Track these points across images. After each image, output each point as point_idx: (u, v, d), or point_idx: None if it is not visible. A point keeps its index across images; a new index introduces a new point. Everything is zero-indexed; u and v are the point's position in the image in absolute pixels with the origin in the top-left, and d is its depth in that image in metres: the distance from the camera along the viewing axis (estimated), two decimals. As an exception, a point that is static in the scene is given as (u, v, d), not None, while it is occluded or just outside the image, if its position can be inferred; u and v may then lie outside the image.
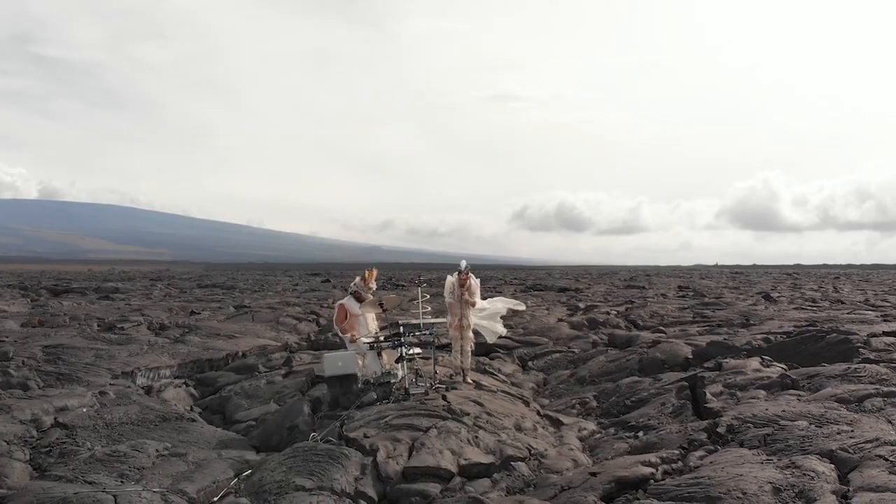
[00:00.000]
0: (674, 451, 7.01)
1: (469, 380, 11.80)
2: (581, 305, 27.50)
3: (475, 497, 5.74)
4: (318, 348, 18.07)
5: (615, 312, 23.67)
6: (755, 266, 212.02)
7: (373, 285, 11.30)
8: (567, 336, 19.38)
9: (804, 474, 5.35)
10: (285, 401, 11.67)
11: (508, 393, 12.05)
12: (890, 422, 7.38)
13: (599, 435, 10.16)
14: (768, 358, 11.65)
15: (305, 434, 9.56)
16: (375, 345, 10.65)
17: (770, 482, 5.16)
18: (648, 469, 6.22)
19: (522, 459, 8.32)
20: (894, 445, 6.28)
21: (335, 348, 17.55)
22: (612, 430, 10.20)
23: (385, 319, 10.98)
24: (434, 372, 11.24)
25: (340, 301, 11.18)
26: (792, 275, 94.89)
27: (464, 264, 11.50)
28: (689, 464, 6.47)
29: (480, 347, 14.21)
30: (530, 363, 17.05)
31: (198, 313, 22.30)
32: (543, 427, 10.15)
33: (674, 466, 6.48)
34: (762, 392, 9.73)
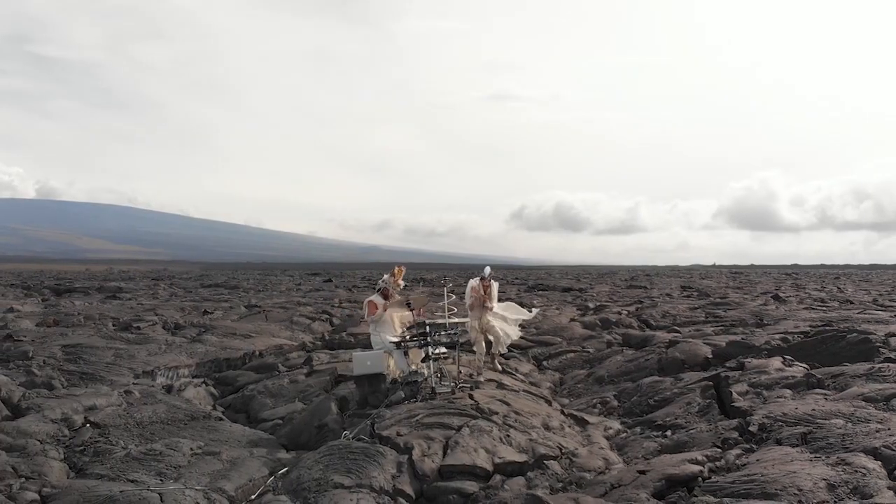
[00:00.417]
0: (716, 450, 7.07)
1: (483, 378, 11.89)
2: (591, 305, 27.56)
3: (534, 494, 5.80)
4: (334, 347, 18.14)
5: (626, 312, 23.75)
6: (753, 266, 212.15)
7: (401, 283, 11.38)
8: (580, 336, 19.44)
9: (856, 471, 5.43)
10: (311, 399, 11.72)
11: (530, 392, 12.12)
12: (921, 420, 7.44)
13: (625, 434, 10.22)
14: (790, 357, 11.71)
15: (335, 432, 9.63)
16: (402, 344, 10.71)
17: (824, 479, 5.24)
18: (696, 467, 6.30)
19: (555, 458, 8.39)
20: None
21: (350, 348, 17.64)
22: (639, 430, 10.26)
23: (413, 319, 11.06)
24: (458, 371, 11.35)
25: (370, 298, 11.26)
26: (791, 275, 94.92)
27: (487, 271, 11.66)
28: (734, 462, 6.53)
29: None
30: (545, 363, 17.12)
31: (210, 313, 22.35)
32: (570, 426, 10.21)
33: (717, 464, 6.55)
34: (788, 391, 9.78)
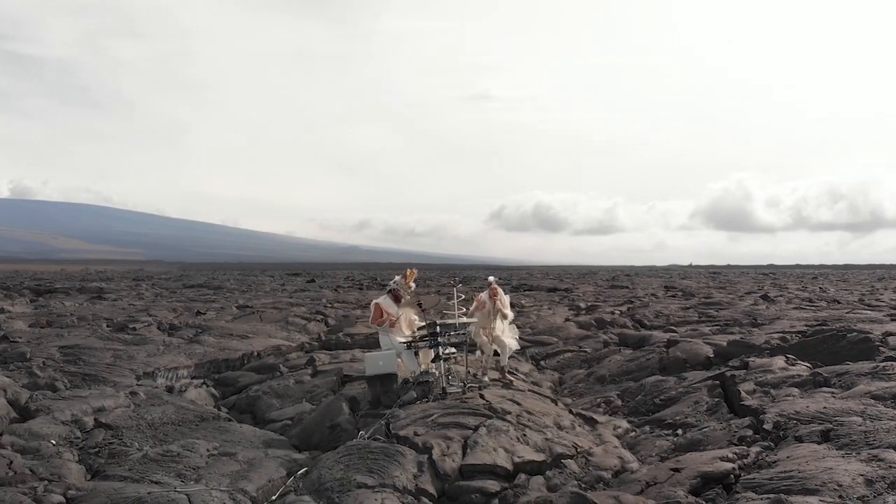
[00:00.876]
0: (743, 448, 7.18)
1: (487, 378, 11.94)
2: (582, 305, 27.74)
3: (578, 492, 5.85)
4: (331, 348, 18.10)
5: (619, 312, 23.94)
6: (730, 266, 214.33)
7: (412, 285, 11.37)
8: (576, 336, 19.58)
9: (890, 467, 5.55)
10: (318, 400, 11.71)
11: (535, 392, 12.18)
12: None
13: (634, 433, 10.32)
14: (792, 356, 11.89)
15: (349, 432, 9.63)
16: (412, 344, 10.72)
17: (861, 474, 5.37)
18: (729, 464, 6.41)
19: (571, 457, 8.46)
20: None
21: (347, 348, 17.60)
22: (648, 429, 10.36)
23: (424, 319, 11.07)
24: (467, 371, 11.40)
25: (376, 301, 11.22)
26: (770, 275, 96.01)
27: (492, 279, 11.76)
28: (763, 459, 6.63)
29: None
30: (542, 362, 17.21)
31: (203, 314, 22.19)
32: (580, 425, 10.28)
33: (745, 462, 6.66)
34: (796, 390, 9.94)
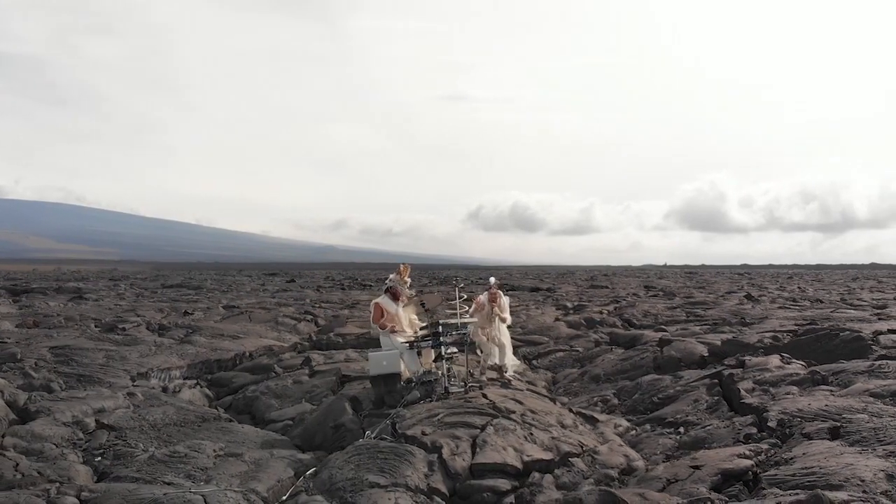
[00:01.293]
0: (757, 445, 7.29)
1: (486, 378, 11.99)
2: (569, 305, 27.91)
3: (607, 490, 5.90)
4: (322, 348, 18.07)
5: (607, 312, 24.12)
6: (704, 266, 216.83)
7: (407, 280, 11.40)
8: (567, 335, 19.70)
9: (909, 462, 5.68)
10: (318, 400, 11.67)
11: (535, 392, 12.25)
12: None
13: (635, 432, 10.43)
14: (787, 355, 12.07)
15: (353, 432, 9.61)
16: (415, 344, 10.73)
17: (881, 470, 5.48)
18: (748, 461, 6.51)
19: (578, 455, 8.53)
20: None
21: (339, 348, 17.57)
22: (649, 427, 10.47)
23: (426, 318, 11.08)
24: (468, 371, 11.44)
25: (376, 300, 11.23)
26: (745, 275, 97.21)
27: (492, 281, 11.80)
28: (780, 456, 6.73)
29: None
30: (534, 362, 17.31)
31: (191, 314, 21.99)
32: (582, 424, 10.36)
33: (759, 459, 6.76)
34: (794, 388, 10.09)
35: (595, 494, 5.67)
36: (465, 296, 11.90)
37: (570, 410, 11.26)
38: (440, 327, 10.67)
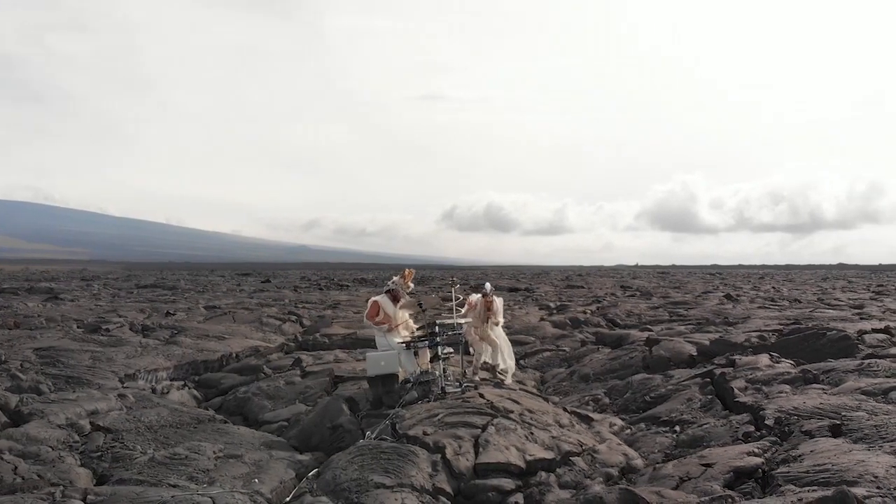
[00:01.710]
0: (765, 443, 7.40)
1: (478, 378, 12.03)
2: (552, 305, 28.04)
3: (626, 488, 5.95)
4: (308, 348, 17.98)
5: (590, 312, 24.29)
6: (675, 266, 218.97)
7: (410, 285, 11.38)
8: (553, 335, 19.80)
9: (918, 458, 5.81)
10: (313, 401, 11.61)
11: (527, 391, 12.30)
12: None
13: (629, 430, 10.52)
14: (776, 354, 12.25)
15: (352, 433, 9.58)
16: (411, 344, 10.73)
17: (893, 466, 5.61)
18: (758, 459, 6.61)
19: (578, 454, 8.61)
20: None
21: (325, 349, 17.49)
22: (643, 426, 10.56)
23: (422, 319, 11.08)
24: (463, 371, 11.48)
25: (375, 298, 11.21)
26: (716, 275, 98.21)
27: (488, 287, 11.89)
28: (788, 454, 6.82)
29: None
30: (522, 361, 17.36)
31: (174, 314, 21.72)
32: (577, 423, 10.44)
33: (766, 456, 6.86)
34: (787, 386, 10.26)
35: (615, 493, 5.72)
36: (461, 297, 11.92)
37: (565, 410, 11.34)
38: (437, 327, 10.69)
